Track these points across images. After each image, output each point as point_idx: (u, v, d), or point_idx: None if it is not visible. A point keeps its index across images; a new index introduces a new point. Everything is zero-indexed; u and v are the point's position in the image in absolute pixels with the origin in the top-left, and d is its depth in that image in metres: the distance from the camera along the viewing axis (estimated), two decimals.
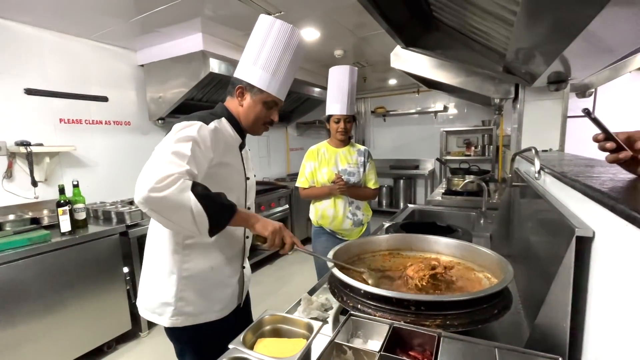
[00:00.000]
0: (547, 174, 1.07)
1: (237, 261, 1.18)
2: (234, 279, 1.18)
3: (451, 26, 1.76)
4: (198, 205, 0.83)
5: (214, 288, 1.11)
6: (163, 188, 0.80)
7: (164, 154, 0.88)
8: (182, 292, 1.05)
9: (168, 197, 0.80)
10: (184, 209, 0.82)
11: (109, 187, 2.79)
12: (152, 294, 1.08)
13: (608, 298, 0.53)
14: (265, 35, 1.07)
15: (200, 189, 0.86)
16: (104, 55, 2.73)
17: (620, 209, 0.46)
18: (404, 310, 0.79)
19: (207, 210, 0.84)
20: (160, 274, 1.07)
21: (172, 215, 0.83)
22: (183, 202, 0.82)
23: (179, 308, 1.05)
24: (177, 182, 0.82)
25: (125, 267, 2.20)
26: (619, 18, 0.73)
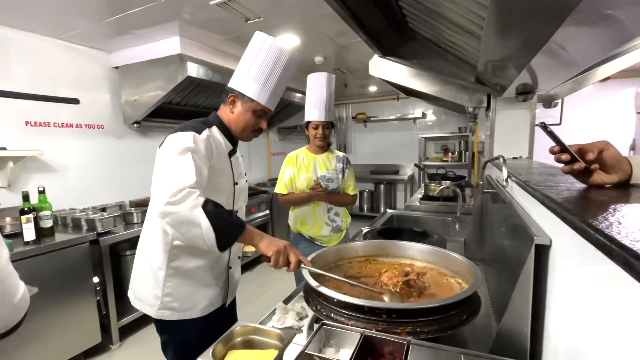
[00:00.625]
0: (513, 182, 1.11)
1: (222, 262, 1.24)
2: (220, 280, 1.24)
3: (426, 37, 1.82)
4: (207, 223, 0.90)
5: (199, 287, 1.17)
6: (177, 202, 0.89)
7: (170, 166, 0.96)
8: (169, 288, 1.12)
9: (181, 213, 0.89)
10: (194, 225, 0.90)
11: (79, 193, 2.67)
12: (144, 286, 1.16)
13: (563, 304, 0.56)
14: (258, 50, 1.17)
15: (210, 206, 0.92)
16: (75, 56, 2.63)
17: (570, 220, 0.49)
18: (376, 319, 0.80)
19: (215, 228, 0.91)
20: (150, 268, 1.14)
21: (183, 229, 0.92)
22: (194, 219, 0.90)
23: (166, 303, 1.12)
24: (190, 197, 0.90)
25: (95, 277, 2.11)
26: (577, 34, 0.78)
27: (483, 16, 0.98)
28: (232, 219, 0.98)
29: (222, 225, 0.93)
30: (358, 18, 1.51)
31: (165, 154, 1.01)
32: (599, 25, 0.69)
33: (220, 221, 0.93)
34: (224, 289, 1.26)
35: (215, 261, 1.20)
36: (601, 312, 0.41)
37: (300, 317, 1.05)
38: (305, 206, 1.83)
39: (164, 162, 0.99)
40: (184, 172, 0.95)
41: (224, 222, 0.94)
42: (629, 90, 4.18)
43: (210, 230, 0.90)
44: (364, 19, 1.59)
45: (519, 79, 1.43)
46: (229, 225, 0.96)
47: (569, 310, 0.53)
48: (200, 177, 0.98)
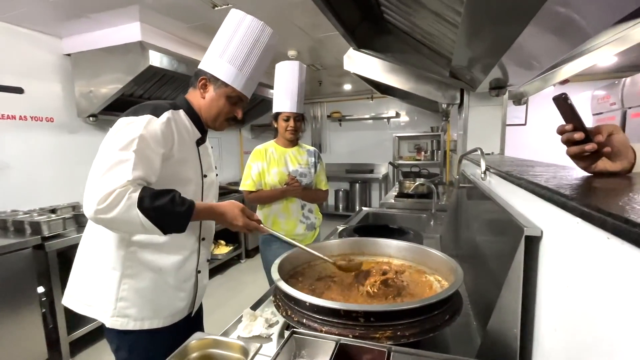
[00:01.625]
0: (492, 174, 1.08)
1: (191, 264, 1.08)
2: (187, 284, 1.08)
3: (401, 29, 1.78)
4: (147, 221, 0.82)
5: (162, 292, 1.01)
6: (108, 209, 0.80)
7: (106, 161, 0.85)
8: (124, 291, 0.96)
9: (115, 218, 0.80)
10: (134, 224, 0.83)
11: (24, 193, 2.39)
12: (91, 287, 0.99)
13: (558, 301, 0.50)
14: (235, 29, 1.04)
15: (147, 202, 0.83)
16: (19, 40, 2.35)
17: (572, 206, 0.43)
18: (353, 323, 0.72)
19: (157, 224, 0.84)
20: (100, 267, 0.96)
21: (124, 229, 0.87)
22: (131, 220, 0.82)
23: (120, 309, 0.96)
24: (121, 200, 0.80)
25: (40, 287, 1.88)
26: (545, 30, 0.82)
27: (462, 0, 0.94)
28: (175, 207, 0.87)
29: (166, 219, 0.85)
30: (332, 7, 1.44)
31: (108, 144, 0.88)
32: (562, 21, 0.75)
33: (162, 215, 0.84)
34: (191, 295, 1.11)
35: (182, 263, 1.05)
36: (615, 310, 0.35)
37: (270, 324, 0.95)
38: (277, 204, 1.72)
39: (103, 155, 0.87)
40: (119, 169, 0.84)
41: (167, 216, 0.85)
42: (585, 94, 4.43)
43: (153, 227, 0.84)
44: (338, 8, 1.52)
45: (492, 73, 1.42)
46: (173, 216, 0.87)
47: (566, 309, 0.47)
48: (142, 170, 0.86)
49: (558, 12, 0.70)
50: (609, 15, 0.76)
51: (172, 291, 1.03)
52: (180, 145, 0.98)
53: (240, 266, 3.75)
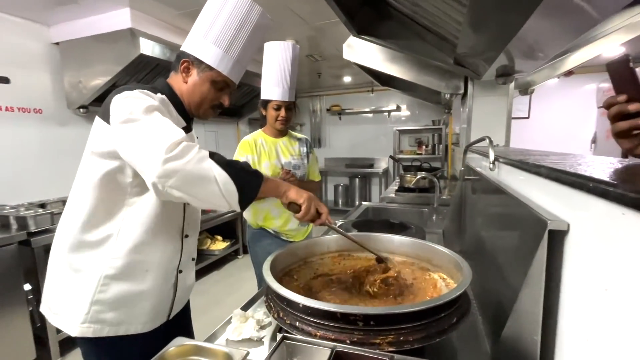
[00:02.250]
0: (502, 164, 1.00)
1: (172, 262, 0.99)
2: (168, 284, 0.99)
3: (404, 13, 1.69)
4: (223, 175, 0.74)
5: (143, 294, 0.92)
6: (180, 156, 0.71)
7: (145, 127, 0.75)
8: (100, 293, 0.86)
9: (187, 169, 0.71)
10: (208, 180, 0.73)
11: (11, 187, 2.31)
12: (62, 294, 0.89)
13: (591, 306, 0.43)
14: (220, 7, 0.94)
15: (218, 156, 0.77)
16: (5, 27, 2.26)
17: (618, 194, 0.35)
18: (350, 327, 0.64)
19: (234, 180, 0.76)
20: (74, 269, 0.87)
21: (196, 189, 0.74)
22: (205, 173, 0.73)
23: (93, 313, 0.86)
24: (191, 151, 0.72)
25: (27, 284, 1.81)
26: (553, 14, 0.79)
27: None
28: (247, 167, 0.83)
29: (241, 175, 0.78)
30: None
31: (127, 116, 0.76)
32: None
33: (237, 171, 0.77)
34: (170, 299, 1.01)
35: (165, 261, 0.96)
36: None
37: (262, 326, 0.88)
38: (270, 198, 1.62)
39: (129, 128, 0.76)
40: (168, 127, 0.76)
41: (242, 172, 0.79)
42: (590, 86, 4.34)
43: (230, 182, 0.75)
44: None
45: (500, 59, 1.34)
46: (247, 174, 0.81)
47: (605, 317, 0.39)
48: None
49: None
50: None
51: (153, 293, 0.94)
52: None
53: (238, 262, 3.68)
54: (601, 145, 3.95)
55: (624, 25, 1.33)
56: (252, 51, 1.04)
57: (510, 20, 0.88)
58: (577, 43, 1.57)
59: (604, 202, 0.39)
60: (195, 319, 1.27)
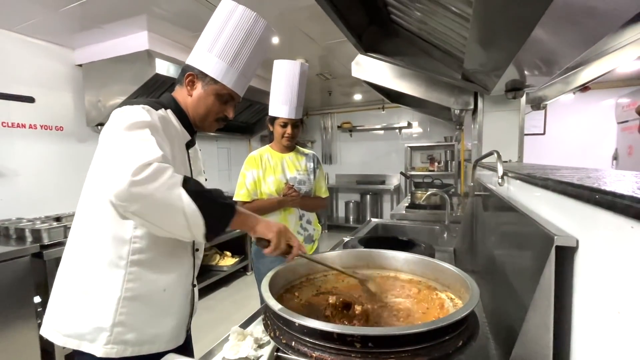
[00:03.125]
0: (511, 179, 0.96)
1: (188, 278, 0.99)
2: (187, 300, 0.99)
3: (410, 30, 1.70)
4: (192, 207, 0.69)
5: (165, 312, 0.91)
6: (146, 181, 0.66)
7: (125, 140, 0.72)
8: (122, 315, 0.84)
9: (154, 195, 0.67)
10: (174, 210, 0.69)
11: (32, 201, 2.40)
12: (79, 316, 0.85)
13: (602, 329, 0.39)
14: (225, 21, 0.95)
15: (192, 184, 0.72)
16: (32, 51, 2.41)
17: (625, 206, 0.32)
18: (348, 349, 0.61)
19: (203, 212, 0.71)
20: (90, 292, 0.84)
21: (160, 218, 0.70)
22: (172, 202, 0.68)
23: (116, 335, 0.84)
24: (163, 175, 0.68)
25: (37, 297, 1.83)
26: (560, 24, 0.80)
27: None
28: (220, 198, 0.78)
29: (211, 207, 0.73)
30: (339, 11, 1.38)
31: (111, 131, 0.76)
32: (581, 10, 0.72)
33: (208, 202, 0.73)
34: (188, 311, 1.01)
35: (181, 278, 0.95)
36: None
37: (260, 345, 0.85)
38: (274, 213, 1.61)
39: (110, 141, 0.75)
40: (145, 146, 0.72)
41: (212, 203, 0.74)
42: (608, 102, 4.23)
43: (198, 215, 0.70)
44: (345, 13, 1.46)
45: (508, 72, 1.33)
46: (218, 207, 0.76)
47: (617, 341, 0.36)
48: (166, 155, 0.75)
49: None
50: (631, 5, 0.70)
51: (174, 311, 0.94)
52: (173, 147, 0.90)
53: (247, 279, 3.65)
54: (623, 161, 3.80)
55: (639, 38, 1.30)
56: (257, 64, 1.04)
57: (515, 34, 0.87)
58: (588, 57, 1.54)
59: (612, 215, 0.36)
60: (202, 337, 1.25)
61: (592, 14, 0.77)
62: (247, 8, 0.97)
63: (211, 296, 3.14)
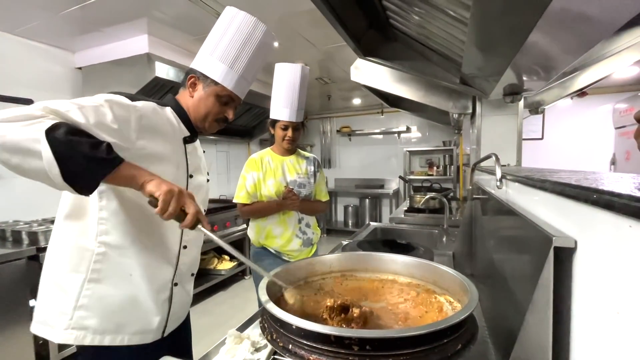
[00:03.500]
0: (509, 181, 0.97)
1: (165, 273, 0.96)
2: (161, 296, 0.96)
3: (409, 35, 1.72)
4: (48, 153, 0.63)
5: (129, 302, 0.89)
6: (8, 120, 0.64)
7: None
8: (85, 298, 0.83)
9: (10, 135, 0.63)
10: (30, 154, 0.64)
11: (28, 203, 2.38)
12: (47, 302, 0.87)
13: (601, 331, 0.38)
14: (227, 26, 1.00)
15: (62, 131, 0.65)
16: (33, 54, 2.42)
17: (622, 205, 0.32)
18: (345, 352, 0.60)
19: (59, 159, 0.64)
20: (59, 273, 0.85)
21: (18, 161, 0.65)
22: (28, 145, 0.63)
23: (77, 319, 0.83)
24: (31, 118, 0.65)
25: (32, 300, 1.81)
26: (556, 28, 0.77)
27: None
28: (98, 151, 0.69)
29: (74, 155, 0.66)
30: (339, 16, 1.40)
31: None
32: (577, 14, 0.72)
33: (72, 151, 0.66)
34: (164, 313, 0.97)
35: (156, 271, 0.93)
36: None
37: (257, 348, 0.84)
38: (273, 216, 1.60)
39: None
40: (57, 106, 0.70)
41: (79, 153, 0.66)
42: (606, 107, 4.25)
43: (52, 162, 0.63)
44: (344, 17, 1.48)
45: (506, 76, 1.33)
46: (86, 158, 0.67)
47: (617, 342, 0.35)
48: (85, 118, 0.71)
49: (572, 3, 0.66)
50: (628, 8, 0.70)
51: (142, 303, 0.91)
52: (160, 140, 0.90)
53: (245, 283, 3.63)
54: (621, 166, 3.81)
55: (635, 43, 1.31)
56: (257, 68, 1.07)
57: (511, 38, 0.88)
58: (585, 62, 1.55)
59: (610, 214, 0.36)
60: (198, 341, 1.23)
61: (586, 20, 0.78)
62: (247, 14, 1.00)
63: (208, 300, 3.11)
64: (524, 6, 0.71)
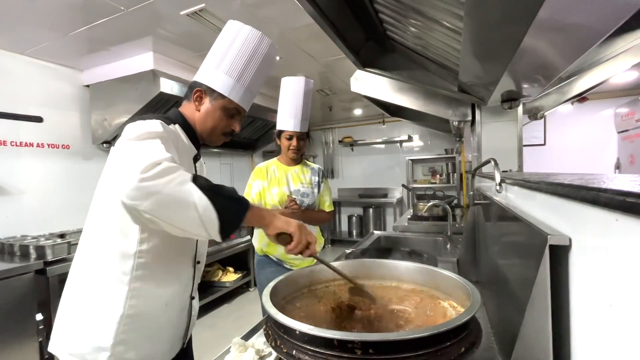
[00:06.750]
0: (508, 185, 0.98)
1: (187, 291, 1.00)
2: (183, 312, 0.99)
3: (406, 45, 1.76)
4: (204, 200, 0.68)
5: (164, 327, 0.91)
6: (156, 177, 0.66)
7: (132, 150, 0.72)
8: (124, 333, 0.84)
9: (164, 191, 0.66)
10: (186, 206, 0.68)
11: (37, 218, 2.42)
12: (81, 335, 0.85)
13: (597, 324, 0.39)
14: (232, 40, 1.00)
15: (203, 180, 0.71)
16: (42, 73, 2.50)
17: (607, 199, 0.33)
18: (348, 356, 0.61)
19: (215, 206, 0.69)
20: (93, 310, 0.84)
21: (172, 214, 0.68)
22: (184, 197, 0.67)
23: (117, 354, 0.83)
24: (172, 173, 0.68)
25: (39, 314, 1.82)
26: (548, 34, 0.79)
27: (462, 0, 0.90)
28: (233, 193, 0.76)
29: (223, 201, 0.71)
30: (337, 29, 1.44)
31: (123, 141, 0.77)
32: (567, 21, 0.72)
33: (221, 197, 0.71)
34: (185, 325, 1.01)
35: (181, 291, 0.96)
36: None
37: (261, 356, 0.84)
38: None
39: (121, 150, 0.76)
40: (154, 148, 0.72)
41: (224, 197, 0.72)
42: (607, 112, 4.26)
43: (211, 209, 0.68)
44: (343, 30, 1.52)
45: (503, 83, 1.35)
46: (231, 201, 0.73)
47: (611, 334, 0.36)
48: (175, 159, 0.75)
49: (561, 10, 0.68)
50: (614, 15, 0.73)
51: (173, 324, 0.95)
52: (181, 161, 0.89)
53: (249, 295, 3.60)
54: (626, 170, 3.79)
55: (631, 46, 1.33)
56: (262, 80, 1.09)
57: (504, 46, 0.90)
58: (581, 67, 1.57)
59: (598, 210, 0.37)
60: (202, 354, 1.23)
61: (575, 28, 0.80)
62: (252, 28, 1.02)
63: (213, 313, 3.10)
64: (513, 15, 0.74)
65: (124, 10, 1.85)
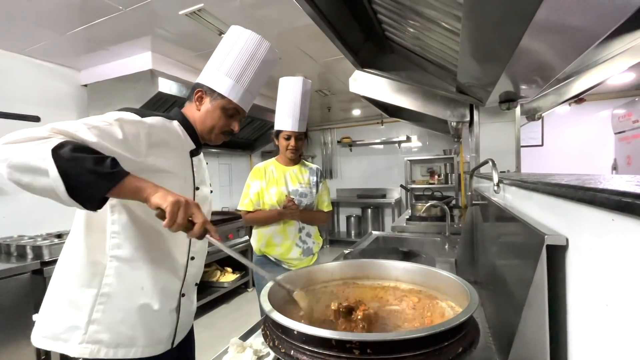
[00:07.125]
0: (506, 186, 0.98)
1: (174, 284, 0.98)
2: (170, 307, 0.97)
3: (404, 46, 1.76)
4: (54, 171, 0.65)
5: (141, 315, 0.90)
6: (17, 141, 0.67)
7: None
8: (97, 312, 0.85)
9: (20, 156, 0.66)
10: (39, 172, 0.66)
11: (34, 218, 2.41)
12: (57, 316, 0.87)
13: (594, 324, 0.39)
14: (233, 43, 1.05)
15: (68, 149, 0.68)
16: (40, 72, 2.49)
17: (603, 199, 0.34)
18: (346, 356, 0.61)
19: (65, 176, 0.66)
20: (70, 288, 0.86)
21: (29, 180, 0.68)
22: (35, 164, 0.66)
23: (91, 333, 0.85)
24: (38, 138, 0.68)
25: (35, 314, 1.81)
26: (546, 35, 0.79)
27: (460, 1, 0.91)
28: (102, 166, 0.70)
29: (78, 171, 0.67)
30: (336, 30, 1.45)
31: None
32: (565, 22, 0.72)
33: (76, 167, 0.67)
34: (173, 324, 0.99)
35: (165, 283, 0.95)
36: None
37: (259, 357, 0.84)
38: (274, 225, 1.63)
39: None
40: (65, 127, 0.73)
41: (83, 168, 0.68)
42: (604, 113, 4.28)
43: (58, 178, 0.65)
44: (342, 31, 1.53)
45: (500, 84, 1.36)
46: (91, 173, 0.68)
47: (607, 333, 0.36)
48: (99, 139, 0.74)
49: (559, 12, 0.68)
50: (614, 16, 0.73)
51: (153, 316, 0.93)
52: (167, 155, 0.92)
53: (247, 295, 3.60)
54: (623, 171, 3.81)
55: (628, 48, 1.34)
56: (261, 82, 1.12)
57: (502, 47, 0.90)
58: (578, 68, 1.58)
59: (595, 210, 0.37)
60: (201, 355, 1.22)
61: (571, 30, 0.81)
62: (252, 32, 1.06)
63: (211, 314, 3.09)
64: (511, 17, 0.74)
65: (122, 10, 1.84)
